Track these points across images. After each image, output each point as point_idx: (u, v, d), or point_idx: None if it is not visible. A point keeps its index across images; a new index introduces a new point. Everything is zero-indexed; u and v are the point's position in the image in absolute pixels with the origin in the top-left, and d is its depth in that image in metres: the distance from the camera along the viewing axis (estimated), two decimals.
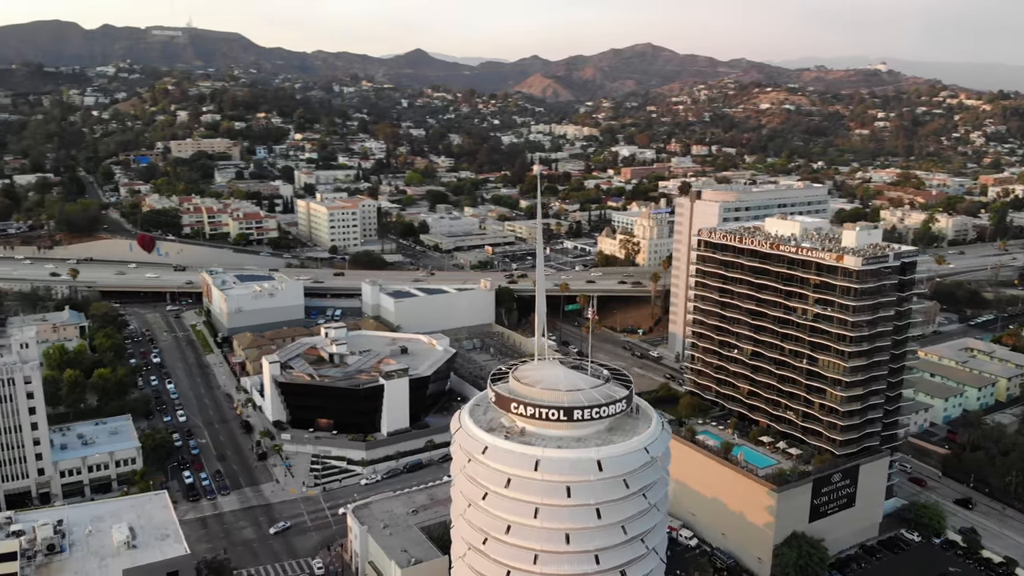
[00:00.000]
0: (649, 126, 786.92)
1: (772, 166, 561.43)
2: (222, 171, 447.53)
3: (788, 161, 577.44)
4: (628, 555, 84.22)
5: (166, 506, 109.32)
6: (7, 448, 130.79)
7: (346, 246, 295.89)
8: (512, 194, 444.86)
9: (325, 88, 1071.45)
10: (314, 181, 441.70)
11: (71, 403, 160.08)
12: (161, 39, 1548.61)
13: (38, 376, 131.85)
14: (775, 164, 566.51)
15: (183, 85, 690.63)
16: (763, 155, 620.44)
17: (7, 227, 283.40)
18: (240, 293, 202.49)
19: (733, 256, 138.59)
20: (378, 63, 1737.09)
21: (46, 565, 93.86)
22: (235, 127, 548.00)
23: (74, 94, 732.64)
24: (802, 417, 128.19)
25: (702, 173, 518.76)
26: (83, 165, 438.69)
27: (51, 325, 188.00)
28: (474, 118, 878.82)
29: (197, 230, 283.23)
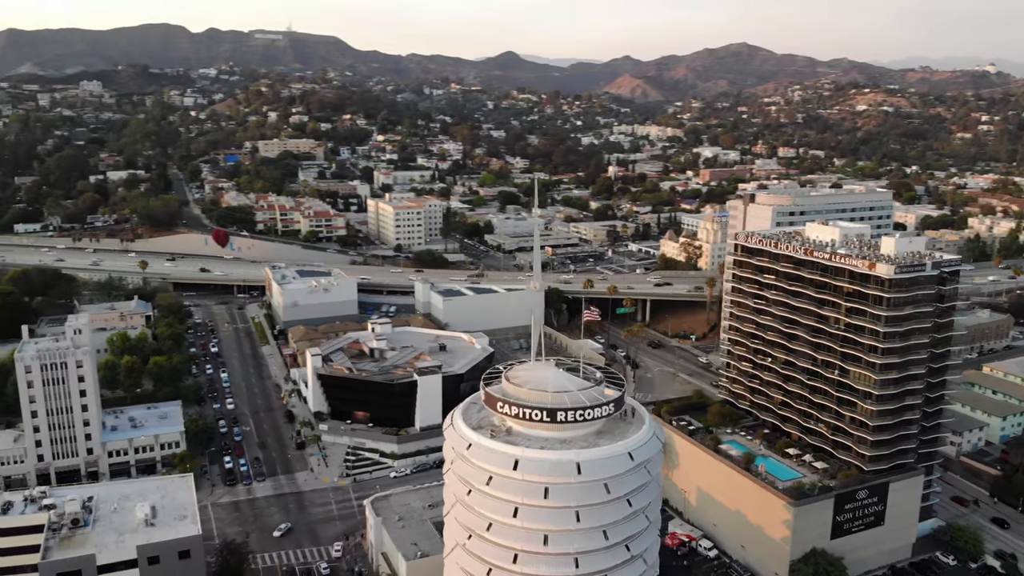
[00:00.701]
0: (736, 127, 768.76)
1: (862, 170, 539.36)
2: (305, 171, 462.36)
3: (879, 165, 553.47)
4: (610, 560, 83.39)
5: (189, 488, 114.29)
6: (58, 427, 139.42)
7: (410, 245, 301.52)
8: (583, 195, 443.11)
9: (416, 91, 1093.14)
10: (391, 181, 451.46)
11: (128, 387, 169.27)
12: (263, 42, 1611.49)
13: (89, 361, 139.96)
14: (865, 168, 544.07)
15: (276, 87, 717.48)
16: (854, 158, 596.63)
17: (95, 220, 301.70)
18: (296, 288, 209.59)
19: (768, 261, 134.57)
20: (469, 66, 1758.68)
21: (69, 538, 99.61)
22: (321, 128, 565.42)
23: (175, 95, 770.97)
24: (832, 430, 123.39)
25: (785, 176, 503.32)
26: (176, 163, 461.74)
27: (119, 314, 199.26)
28: (557, 119, 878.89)
29: (270, 227, 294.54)
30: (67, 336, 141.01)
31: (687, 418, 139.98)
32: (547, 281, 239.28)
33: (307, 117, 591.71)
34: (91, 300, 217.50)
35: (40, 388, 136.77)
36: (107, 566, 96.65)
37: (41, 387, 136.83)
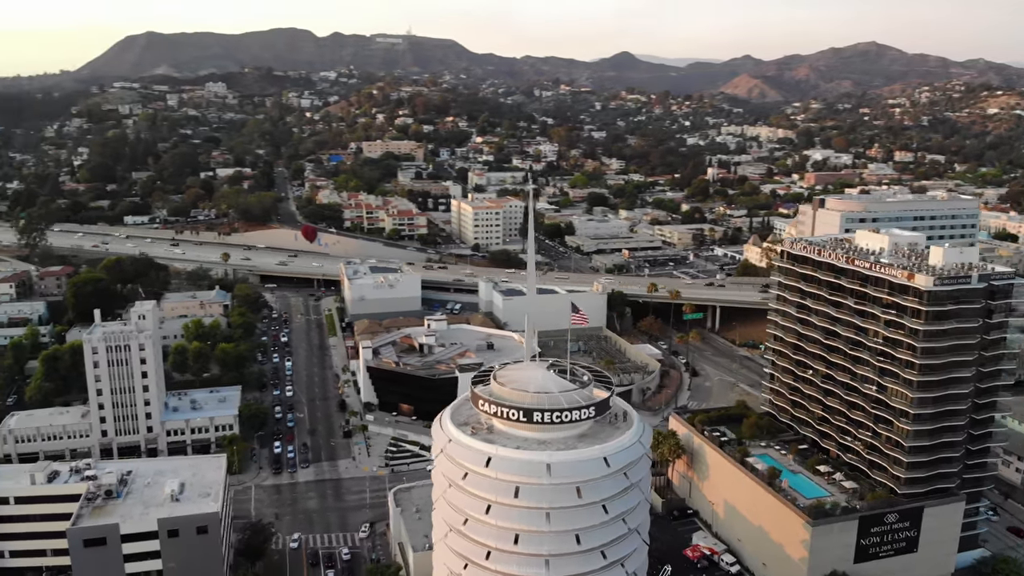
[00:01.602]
0: (852, 129, 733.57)
1: (983, 176, 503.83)
2: (404, 171, 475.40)
3: (1003, 172, 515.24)
4: (583, 566, 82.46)
5: (219, 468, 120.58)
6: (121, 406, 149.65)
7: (488, 244, 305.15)
8: (676, 197, 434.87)
9: (526, 92, 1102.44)
10: (484, 182, 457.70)
11: (196, 371, 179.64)
12: (383, 46, 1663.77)
13: (150, 345, 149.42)
14: (987, 175, 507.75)
15: (386, 90, 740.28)
16: (976, 164, 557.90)
17: (197, 214, 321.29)
18: (363, 283, 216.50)
19: (811, 269, 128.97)
20: (583, 67, 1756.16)
21: (101, 507, 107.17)
22: (423, 130, 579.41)
23: (293, 97, 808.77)
24: (867, 449, 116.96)
25: (898, 181, 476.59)
26: (284, 162, 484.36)
27: (199, 302, 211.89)
28: (665, 120, 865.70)
29: (357, 224, 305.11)
30: (132, 321, 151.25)
31: (722, 429, 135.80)
32: (609, 283, 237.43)
33: (411, 119, 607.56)
34: (179, 288, 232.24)
35: (105, 368, 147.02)
36: (130, 535, 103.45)
37: (106, 367, 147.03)
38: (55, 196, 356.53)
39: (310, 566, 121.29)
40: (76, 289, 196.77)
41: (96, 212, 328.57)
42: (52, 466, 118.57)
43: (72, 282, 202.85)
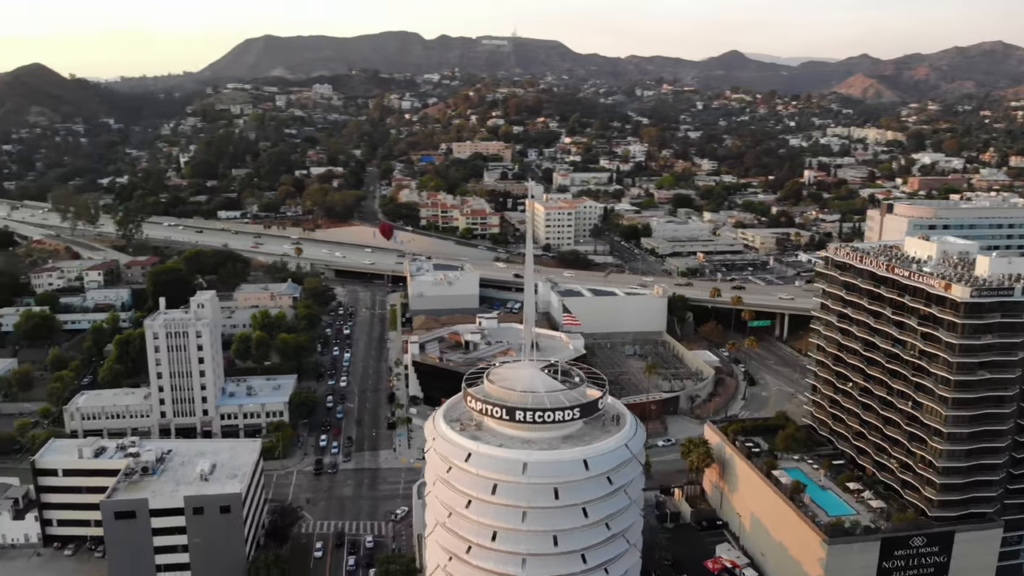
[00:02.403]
0: (968, 132, 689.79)
1: None
2: (490, 171, 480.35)
3: None
4: (561, 568, 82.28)
5: (252, 452, 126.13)
6: (179, 389, 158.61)
7: (559, 244, 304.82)
8: (767, 200, 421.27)
9: (627, 92, 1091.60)
10: (568, 183, 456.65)
11: (257, 359, 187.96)
12: (489, 48, 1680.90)
13: (207, 332, 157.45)
14: None
15: (481, 92, 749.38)
16: None
17: (286, 210, 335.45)
18: (424, 280, 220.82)
19: (852, 277, 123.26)
20: (690, 66, 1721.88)
21: (136, 483, 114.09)
22: (513, 131, 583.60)
23: (394, 99, 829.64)
24: (901, 468, 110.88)
25: (1009, 188, 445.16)
26: (377, 162, 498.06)
27: (270, 294, 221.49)
28: (769, 120, 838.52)
29: (432, 223, 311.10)
30: (190, 310, 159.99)
31: (756, 440, 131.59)
32: (670, 286, 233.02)
33: (503, 120, 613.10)
34: (256, 280, 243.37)
35: (165, 353, 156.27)
36: (158, 510, 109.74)
37: (166, 352, 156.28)
38: (158, 191, 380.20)
39: (334, 550, 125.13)
40: (155, 278, 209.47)
41: (193, 207, 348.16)
42: (100, 442, 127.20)
43: (151, 272, 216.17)
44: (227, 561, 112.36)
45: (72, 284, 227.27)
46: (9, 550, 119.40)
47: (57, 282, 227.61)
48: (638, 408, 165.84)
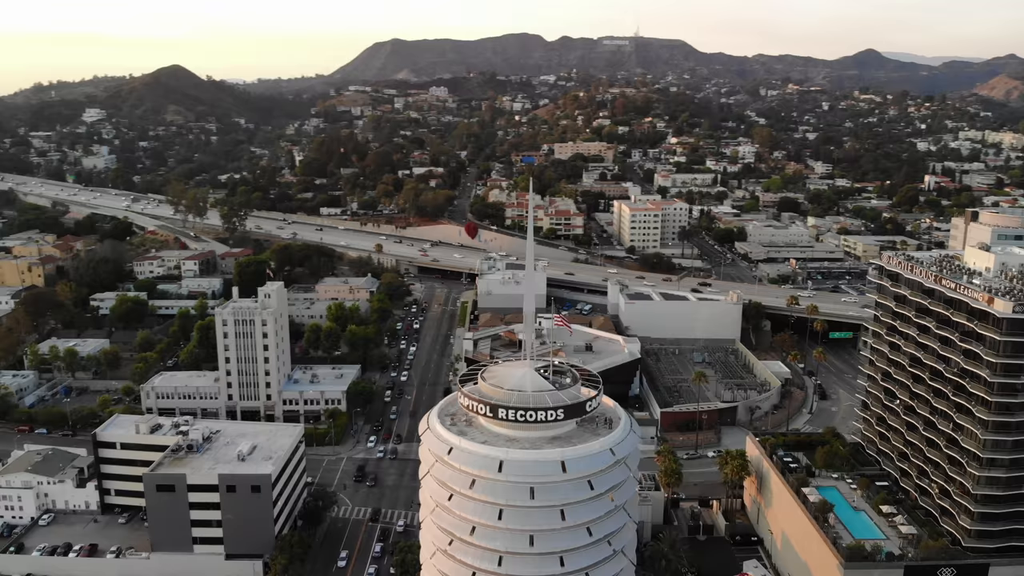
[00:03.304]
0: None
1: None
2: (590, 172, 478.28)
3: None
4: (538, 568, 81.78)
5: (292, 436, 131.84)
6: (245, 374, 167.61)
7: (644, 247, 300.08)
8: (880, 206, 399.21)
9: (751, 92, 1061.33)
10: (669, 184, 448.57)
11: (327, 349, 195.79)
12: (610, 48, 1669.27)
13: (272, 321, 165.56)
14: None
15: (591, 92, 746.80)
16: None
17: (383, 209, 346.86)
18: (491, 278, 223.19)
19: (902, 288, 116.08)
20: (821, 65, 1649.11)
21: (179, 459, 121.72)
22: (618, 131, 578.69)
23: (506, 100, 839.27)
24: (940, 494, 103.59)
25: None
26: (480, 163, 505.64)
27: (349, 287, 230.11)
28: (899, 122, 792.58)
29: (517, 222, 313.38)
30: (259, 299, 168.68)
31: (796, 455, 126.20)
32: (754, 294, 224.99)
33: (609, 121, 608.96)
34: (343, 274, 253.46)
35: (233, 339, 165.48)
36: (195, 486, 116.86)
37: (233, 339, 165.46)
38: (270, 187, 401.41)
39: (368, 527, 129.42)
40: (241, 269, 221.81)
41: (298, 203, 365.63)
42: (156, 420, 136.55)
43: (238, 263, 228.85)
44: (257, 538, 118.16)
45: (171, 272, 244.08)
46: (71, 515, 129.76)
47: (157, 270, 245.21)
48: (688, 417, 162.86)
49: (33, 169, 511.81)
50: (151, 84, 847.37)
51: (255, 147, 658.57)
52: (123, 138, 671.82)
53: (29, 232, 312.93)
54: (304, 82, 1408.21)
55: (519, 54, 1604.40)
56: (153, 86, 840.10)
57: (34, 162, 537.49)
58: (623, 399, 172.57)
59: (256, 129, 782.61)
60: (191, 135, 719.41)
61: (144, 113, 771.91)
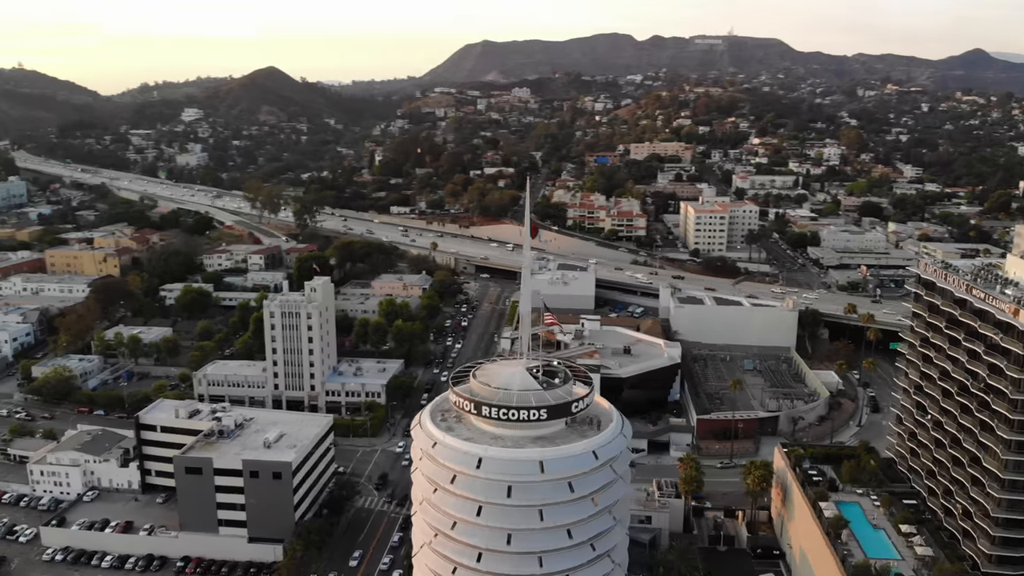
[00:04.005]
0: None
1: None
2: (665, 173, 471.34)
3: None
4: (516, 567, 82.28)
5: (319, 426, 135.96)
6: (291, 364, 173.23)
7: (709, 250, 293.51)
8: (969, 212, 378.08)
9: (847, 92, 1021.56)
10: (748, 185, 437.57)
11: (375, 343, 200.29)
12: (702, 48, 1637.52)
13: (317, 314, 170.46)
14: None
15: (675, 92, 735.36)
16: None
17: (449, 208, 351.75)
18: (540, 278, 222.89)
19: (936, 296, 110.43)
20: (925, 65, 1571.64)
21: (210, 444, 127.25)
22: (698, 131, 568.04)
23: (588, 100, 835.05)
24: (963, 515, 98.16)
25: None
26: (553, 163, 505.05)
27: (403, 284, 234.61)
28: (1002, 125, 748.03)
29: (578, 223, 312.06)
30: (305, 293, 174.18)
31: (822, 468, 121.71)
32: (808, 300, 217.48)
33: (690, 121, 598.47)
34: (400, 271, 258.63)
35: (280, 331, 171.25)
36: (221, 470, 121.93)
37: (280, 330, 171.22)
38: (347, 186, 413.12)
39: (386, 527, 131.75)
40: (300, 264, 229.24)
41: (369, 202, 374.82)
42: (196, 405, 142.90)
43: (298, 259, 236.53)
44: (277, 523, 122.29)
45: (238, 266, 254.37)
46: (114, 493, 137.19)
47: (225, 263, 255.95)
48: (724, 425, 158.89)
49: (130, 165, 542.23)
50: (247, 85, 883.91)
51: (341, 147, 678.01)
52: (218, 137, 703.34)
53: (117, 224, 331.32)
54: (396, 84, 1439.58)
55: (608, 54, 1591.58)
56: (249, 87, 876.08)
57: (131, 159, 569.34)
58: (662, 404, 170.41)
59: (345, 130, 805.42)
60: (282, 135, 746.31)
61: (239, 113, 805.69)
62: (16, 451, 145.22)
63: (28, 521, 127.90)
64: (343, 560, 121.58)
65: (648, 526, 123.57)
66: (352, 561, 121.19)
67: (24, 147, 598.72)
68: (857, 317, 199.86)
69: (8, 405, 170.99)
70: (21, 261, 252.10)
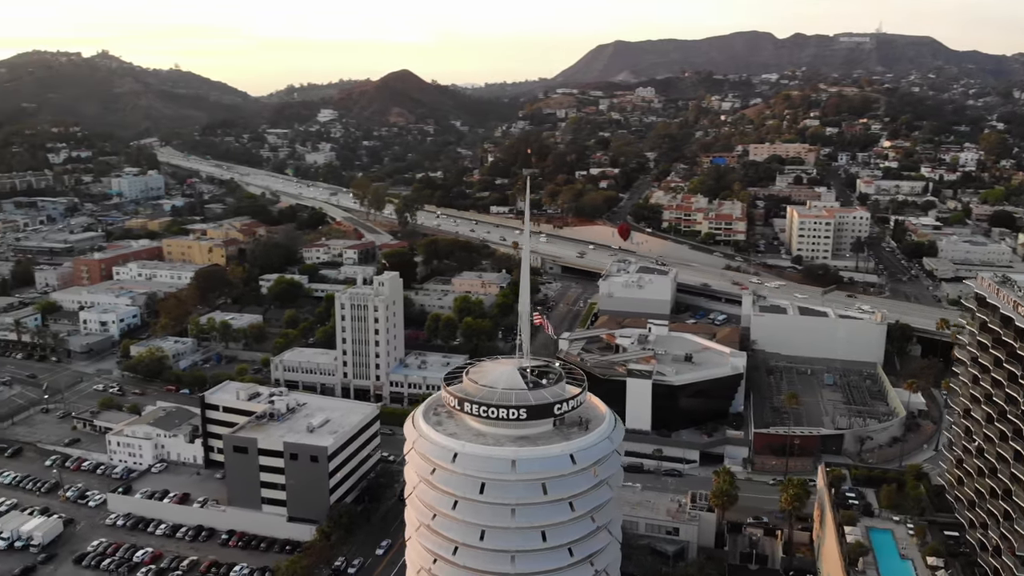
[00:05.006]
0: None
1: None
2: (784, 175, 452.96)
3: None
4: (488, 564, 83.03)
5: (364, 414, 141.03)
6: (358, 354, 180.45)
7: (813, 256, 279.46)
8: None
9: (1003, 94, 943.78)
10: (872, 191, 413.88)
11: (445, 338, 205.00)
12: (847, 46, 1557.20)
13: (383, 307, 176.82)
14: None
15: (805, 91, 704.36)
16: None
17: (547, 208, 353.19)
18: (614, 280, 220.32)
19: (986, 313, 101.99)
20: None
21: (259, 426, 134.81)
22: (825, 132, 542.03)
23: (715, 100, 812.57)
24: (994, 551, 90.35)
25: None
26: (665, 163, 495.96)
27: (481, 282, 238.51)
28: None
29: (673, 225, 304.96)
30: (373, 287, 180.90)
31: (861, 491, 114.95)
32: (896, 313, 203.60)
33: (817, 121, 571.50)
34: (485, 269, 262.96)
35: (349, 322, 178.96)
36: (264, 451, 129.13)
37: (350, 322, 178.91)
38: (455, 185, 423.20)
39: None
40: (386, 259, 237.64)
41: (470, 201, 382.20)
42: (256, 388, 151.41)
43: (384, 254, 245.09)
44: (314, 504, 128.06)
45: (335, 259, 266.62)
46: (180, 467, 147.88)
47: (323, 256, 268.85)
48: (780, 440, 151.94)
49: (262, 163, 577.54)
50: (380, 87, 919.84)
51: (461, 148, 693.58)
52: (350, 137, 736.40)
53: (240, 218, 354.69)
54: (526, 86, 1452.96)
55: (746, 52, 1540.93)
56: (382, 89, 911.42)
57: (264, 156, 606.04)
58: (723, 415, 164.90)
59: (469, 131, 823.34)
60: (409, 136, 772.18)
61: (371, 115, 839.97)
62: (101, 423, 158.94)
63: (100, 487, 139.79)
64: (372, 547, 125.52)
65: (675, 538, 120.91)
66: (379, 550, 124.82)
67: (170, 144, 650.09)
68: (949, 333, 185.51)
69: (107, 380, 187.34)
70: (141, 248, 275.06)
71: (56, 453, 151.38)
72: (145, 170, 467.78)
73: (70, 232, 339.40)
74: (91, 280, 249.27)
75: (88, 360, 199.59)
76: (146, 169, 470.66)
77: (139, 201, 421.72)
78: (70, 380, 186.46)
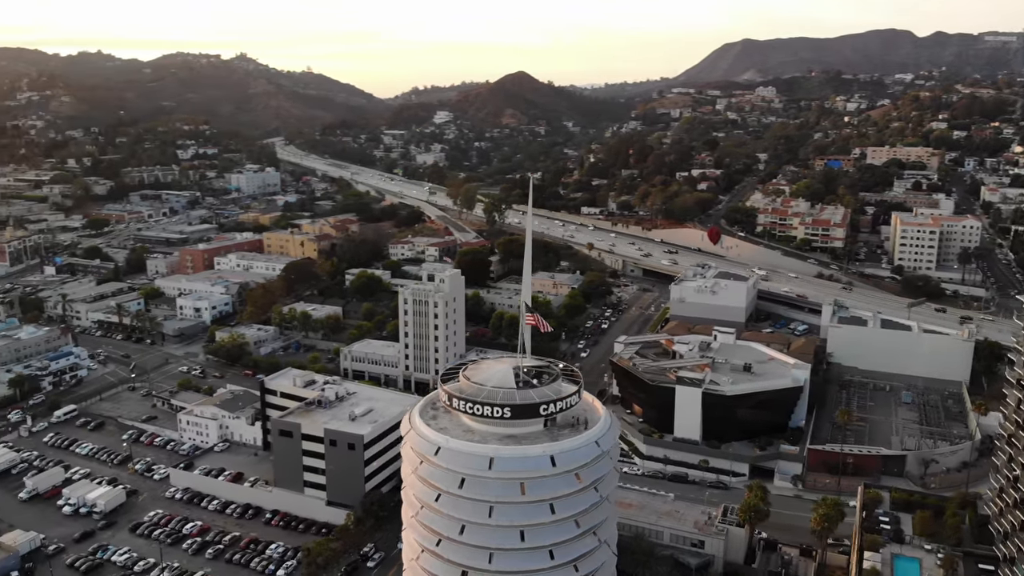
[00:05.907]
0: None
1: None
2: (903, 180, 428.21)
3: None
4: (466, 558, 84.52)
5: (403, 407, 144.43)
6: (419, 348, 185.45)
7: (915, 267, 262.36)
8: None
9: None
10: (998, 199, 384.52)
11: (508, 336, 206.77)
12: (992, 45, 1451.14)
13: (442, 303, 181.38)
14: None
15: (936, 91, 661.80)
16: None
17: (638, 209, 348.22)
18: (687, 285, 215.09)
19: None
20: None
21: (307, 412, 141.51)
22: (952, 136, 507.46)
23: (840, 100, 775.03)
24: None
25: None
26: (772, 166, 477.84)
27: (554, 282, 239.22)
28: None
29: (768, 230, 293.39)
30: (435, 283, 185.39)
31: (898, 516, 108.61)
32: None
33: (945, 124, 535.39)
34: (564, 269, 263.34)
35: (411, 317, 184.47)
36: (307, 436, 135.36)
37: (412, 316, 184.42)
38: (555, 186, 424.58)
39: None
40: (460, 257, 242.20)
41: (562, 202, 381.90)
42: (312, 376, 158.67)
43: (460, 252, 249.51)
44: (350, 490, 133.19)
45: (418, 256, 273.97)
46: (241, 447, 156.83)
47: (407, 253, 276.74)
48: (836, 457, 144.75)
49: (375, 162, 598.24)
50: (495, 89, 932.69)
51: (569, 148, 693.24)
52: (462, 138, 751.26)
53: (347, 214, 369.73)
54: (646, 85, 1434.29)
55: (882, 51, 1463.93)
56: (496, 91, 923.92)
57: (377, 156, 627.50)
58: (782, 428, 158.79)
59: (581, 132, 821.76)
60: (520, 137, 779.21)
61: (485, 116, 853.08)
62: (177, 402, 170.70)
63: (166, 462, 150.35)
64: (396, 539, 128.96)
65: (700, 551, 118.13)
66: (400, 543, 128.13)
67: (294, 143, 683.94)
68: None
69: (192, 363, 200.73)
70: (243, 240, 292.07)
71: (133, 428, 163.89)
72: (264, 167, 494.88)
73: (188, 224, 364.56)
74: (195, 269, 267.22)
75: (179, 343, 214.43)
76: (265, 166, 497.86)
77: (255, 196, 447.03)
78: (158, 361, 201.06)
